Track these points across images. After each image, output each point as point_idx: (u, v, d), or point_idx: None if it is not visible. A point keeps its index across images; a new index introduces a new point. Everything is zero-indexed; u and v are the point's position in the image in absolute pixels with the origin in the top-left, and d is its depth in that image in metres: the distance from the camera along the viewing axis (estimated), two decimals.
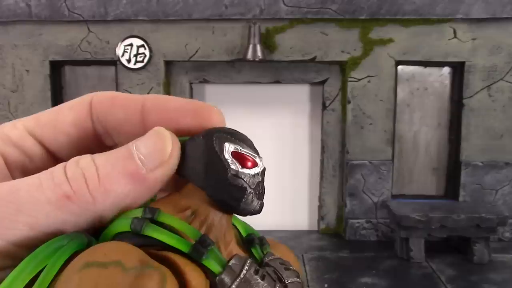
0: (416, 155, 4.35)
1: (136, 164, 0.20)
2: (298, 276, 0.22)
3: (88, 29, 4.07)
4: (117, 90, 4.18)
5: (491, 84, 4.05)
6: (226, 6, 3.97)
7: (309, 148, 4.51)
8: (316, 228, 4.54)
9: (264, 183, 0.22)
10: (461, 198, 4.16)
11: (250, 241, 0.23)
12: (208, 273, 0.20)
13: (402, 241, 3.79)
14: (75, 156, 0.24)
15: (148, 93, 3.85)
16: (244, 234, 0.24)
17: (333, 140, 4.32)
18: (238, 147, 0.21)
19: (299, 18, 4.00)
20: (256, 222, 0.25)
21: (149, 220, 0.20)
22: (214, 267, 0.20)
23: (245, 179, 0.20)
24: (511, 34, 3.98)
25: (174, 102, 0.23)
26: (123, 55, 4.07)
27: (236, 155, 0.20)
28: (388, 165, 4.18)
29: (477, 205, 3.98)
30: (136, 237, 0.20)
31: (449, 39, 4.00)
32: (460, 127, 4.13)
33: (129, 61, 4.09)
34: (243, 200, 0.20)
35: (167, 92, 4.23)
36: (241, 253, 0.22)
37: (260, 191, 0.21)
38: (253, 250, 0.23)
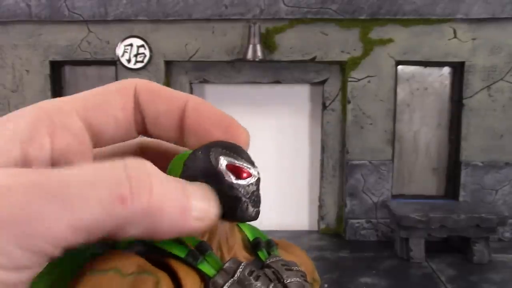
0: (416, 155, 4.35)
1: (190, 204, 0.19)
2: (302, 276, 0.23)
3: (88, 29, 4.07)
4: None
5: (491, 84, 4.05)
6: (226, 6, 3.97)
7: (309, 148, 4.51)
8: (316, 228, 4.54)
9: (260, 191, 0.23)
10: (461, 198, 4.17)
11: (256, 245, 0.25)
12: (204, 277, 0.21)
13: (402, 241, 3.79)
14: (119, 140, 0.24)
15: None
16: (251, 238, 0.25)
17: (333, 140, 4.32)
18: (233, 160, 0.22)
19: (299, 18, 4.00)
20: (256, 223, 0.25)
21: None
22: (209, 270, 0.21)
23: (239, 189, 0.22)
24: (511, 34, 3.98)
25: (213, 112, 0.23)
26: (123, 55, 4.08)
27: (231, 167, 0.22)
28: (388, 165, 4.18)
29: (477, 205, 3.98)
30: (141, 246, 0.22)
31: (449, 39, 4.00)
32: (460, 127, 4.13)
33: (129, 61, 4.09)
34: (239, 209, 0.22)
35: None
36: (246, 256, 0.24)
37: (255, 200, 0.22)
38: (260, 253, 0.24)
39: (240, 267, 0.22)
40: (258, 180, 0.23)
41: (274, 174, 4.43)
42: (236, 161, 0.22)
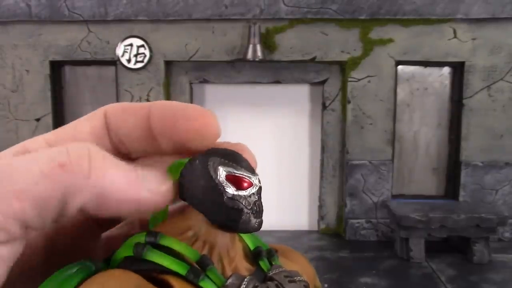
0: (416, 155, 4.35)
1: (137, 176, 0.21)
2: (305, 287, 0.23)
3: (88, 29, 4.07)
4: (117, 90, 4.18)
5: (491, 84, 4.05)
6: (226, 6, 3.97)
7: (309, 148, 4.51)
8: (316, 228, 4.54)
9: (261, 201, 0.22)
10: (461, 198, 4.17)
11: (258, 254, 0.24)
12: None
13: (402, 241, 3.79)
14: None
15: (148, 93, 3.85)
16: (252, 247, 0.25)
17: (333, 140, 4.32)
18: (232, 170, 0.21)
19: (299, 18, 4.00)
20: None
21: (151, 244, 0.21)
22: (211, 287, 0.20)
23: (241, 201, 0.21)
24: (511, 34, 3.98)
25: (176, 106, 0.23)
26: (123, 55, 4.08)
27: (230, 178, 0.21)
28: (388, 165, 4.18)
29: (477, 205, 3.98)
30: (139, 262, 0.21)
31: (449, 39, 4.00)
32: (460, 127, 4.13)
33: (129, 61, 4.09)
34: (241, 220, 0.21)
35: (167, 92, 4.23)
36: (248, 266, 0.23)
37: (257, 210, 0.22)
38: (261, 263, 0.24)
39: (244, 283, 0.21)
40: (260, 189, 0.22)
41: (274, 174, 4.43)
42: (236, 171, 0.21)
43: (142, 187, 0.20)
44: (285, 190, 4.50)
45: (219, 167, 0.21)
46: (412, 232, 3.70)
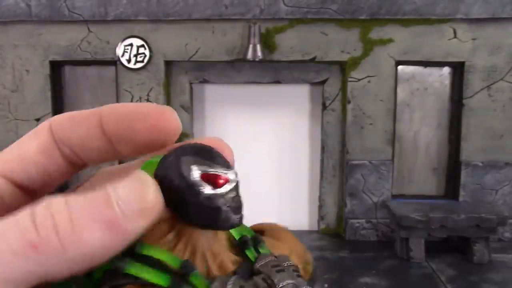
0: (416, 155, 4.34)
1: (114, 212, 0.18)
2: (294, 271, 0.22)
3: (88, 29, 4.07)
4: (117, 90, 4.18)
5: (491, 84, 4.05)
6: (226, 6, 3.97)
7: (309, 148, 4.51)
8: (316, 228, 4.54)
9: (240, 196, 0.21)
10: (461, 198, 4.16)
11: (244, 243, 0.23)
12: None
13: (402, 241, 3.79)
14: (48, 183, 0.24)
15: (148, 93, 3.84)
16: (237, 237, 0.24)
17: (333, 140, 4.32)
18: (207, 168, 0.20)
19: (299, 18, 4.00)
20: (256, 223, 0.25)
21: (132, 253, 0.20)
22: None
23: (218, 199, 0.20)
24: (511, 34, 3.98)
25: (128, 107, 0.22)
26: (123, 55, 4.07)
27: (205, 176, 0.20)
28: (388, 165, 4.18)
29: (477, 205, 3.98)
30: (120, 276, 0.20)
31: (449, 39, 4.00)
32: (460, 127, 4.13)
33: (129, 61, 4.09)
34: (220, 219, 0.20)
35: (167, 92, 4.23)
36: (234, 258, 0.23)
37: (236, 206, 0.21)
38: (248, 252, 0.23)
39: (228, 286, 0.20)
40: (237, 183, 0.21)
41: (274, 174, 4.43)
42: (210, 169, 0.20)
43: (127, 222, 0.18)
44: (285, 190, 4.49)
45: (192, 166, 0.20)
46: (412, 232, 3.70)
